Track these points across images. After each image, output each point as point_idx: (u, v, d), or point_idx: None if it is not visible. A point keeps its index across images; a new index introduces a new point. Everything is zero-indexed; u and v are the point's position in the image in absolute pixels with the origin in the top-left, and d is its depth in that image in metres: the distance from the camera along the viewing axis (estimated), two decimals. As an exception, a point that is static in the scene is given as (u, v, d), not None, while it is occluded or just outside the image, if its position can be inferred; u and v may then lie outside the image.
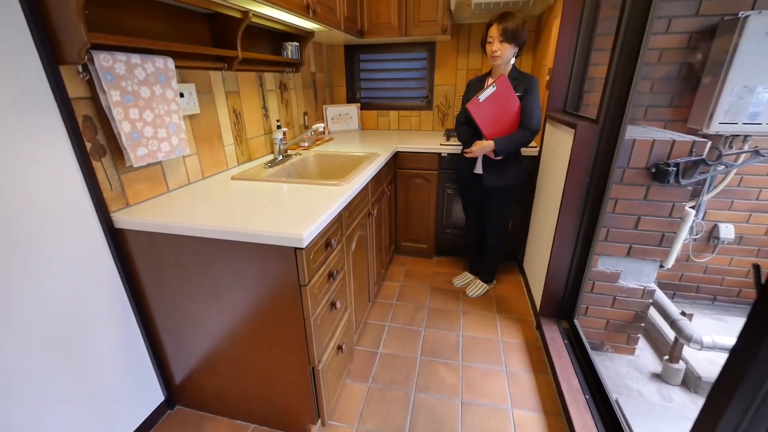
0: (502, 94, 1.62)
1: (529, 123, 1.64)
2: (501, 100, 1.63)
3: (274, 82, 1.92)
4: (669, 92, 1.83)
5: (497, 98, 1.63)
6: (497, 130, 1.69)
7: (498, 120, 1.67)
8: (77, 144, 0.96)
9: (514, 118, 1.66)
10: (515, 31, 1.55)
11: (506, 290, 2.17)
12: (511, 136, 1.66)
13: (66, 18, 0.84)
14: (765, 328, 0.55)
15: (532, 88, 1.62)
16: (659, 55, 1.78)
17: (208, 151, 1.47)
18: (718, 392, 0.63)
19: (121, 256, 1.11)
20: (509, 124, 1.67)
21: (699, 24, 1.70)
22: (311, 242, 1.00)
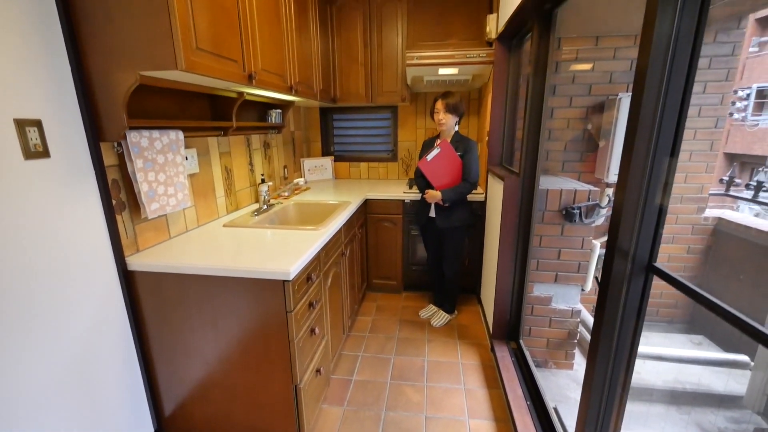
0: (446, 155, 2.07)
1: (468, 177, 2.07)
2: (445, 159, 2.07)
3: (259, 141, 2.24)
4: (578, 150, 2.33)
5: (442, 158, 2.07)
6: (444, 183, 2.10)
7: (444, 174, 2.09)
8: (106, 201, 1.20)
9: (457, 173, 2.08)
10: (455, 106, 2.05)
11: (466, 319, 2.45)
12: (455, 188, 2.07)
13: (112, 110, 1.13)
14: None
15: (470, 148, 2.06)
16: (567, 122, 2.30)
17: (203, 203, 1.72)
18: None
19: (130, 295, 1.30)
20: (453, 178, 2.09)
21: (591, 101, 2.24)
22: (296, 276, 1.25)
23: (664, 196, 0.86)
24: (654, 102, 0.82)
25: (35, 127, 1.00)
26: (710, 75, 2.17)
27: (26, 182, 0.98)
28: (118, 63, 1.08)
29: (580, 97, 2.26)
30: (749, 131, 4.00)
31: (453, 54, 2.30)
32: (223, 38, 1.28)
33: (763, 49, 3.35)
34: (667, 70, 0.80)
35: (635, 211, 0.88)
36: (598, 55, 2.23)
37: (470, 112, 2.98)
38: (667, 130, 0.83)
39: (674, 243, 2.45)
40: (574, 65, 2.31)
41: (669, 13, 0.78)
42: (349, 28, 2.64)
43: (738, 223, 2.25)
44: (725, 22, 2.05)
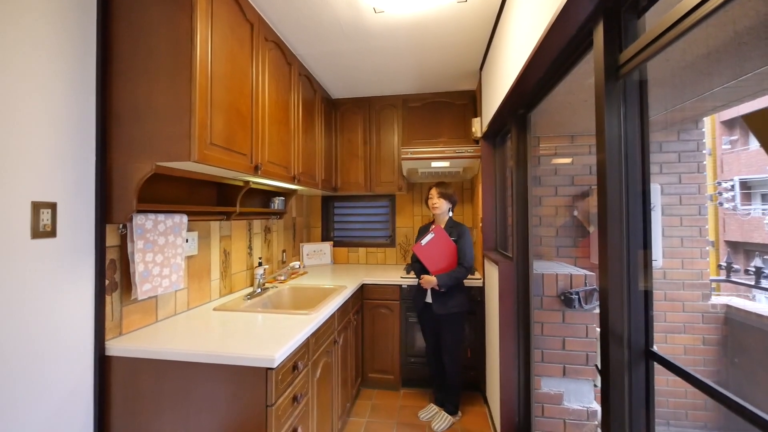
0: (440, 239, 2.12)
1: (463, 261, 2.09)
2: (439, 244, 2.12)
3: (260, 226, 2.33)
4: (570, 236, 2.39)
5: (436, 243, 2.12)
6: (440, 267, 2.11)
7: (439, 259, 2.11)
8: (99, 282, 1.21)
9: (452, 257, 2.11)
10: (448, 193, 2.20)
11: (471, 422, 2.18)
12: (450, 273, 2.07)
13: (124, 194, 1.22)
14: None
15: (463, 233, 2.13)
16: (556, 210, 2.41)
17: (197, 285, 1.71)
18: None
19: (102, 384, 1.22)
20: (449, 262, 2.11)
21: (576, 190, 2.39)
22: (281, 363, 1.18)
23: (646, 277, 0.87)
24: (618, 190, 0.89)
25: (50, 209, 1.07)
26: (682, 167, 2.35)
27: (28, 261, 1.01)
28: (137, 155, 1.22)
29: (565, 187, 2.42)
30: (743, 220, 4.13)
31: (444, 149, 2.54)
32: (235, 136, 1.45)
33: (734, 146, 3.69)
34: (623, 164, 0.89)
35: (620, 294, 0.88)
36: (576, 151, 2.46)
37: (464, 200, 3.15)
38: (636, 213, 0.88)
39: (686, 333, 2.32)
40: (555, 159, 2.52)
41: (615, 119, 0.91)
42: (350, 129, 2.97)
43: (748, 311, 2.16)
44: (683, 124, 2.31)
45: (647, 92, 0.90)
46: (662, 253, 2.31)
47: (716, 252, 2.56)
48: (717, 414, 2.29)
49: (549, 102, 1.64)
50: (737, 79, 1.45)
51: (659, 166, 2.36)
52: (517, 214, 1.86)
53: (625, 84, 0.89)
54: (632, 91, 0.89)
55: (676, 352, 2.31)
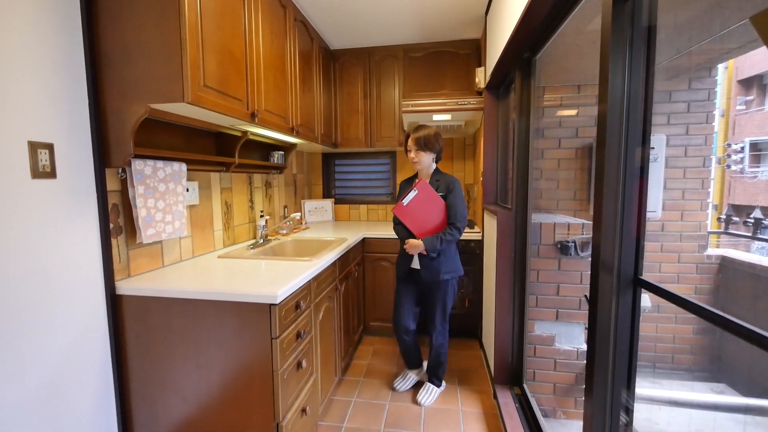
0: (425, 196, 1.76)
1: (454, 220, 1.75)
2: (424, 202, 1.76)
3: (261, 180, 2.33)
4: (571, 189, 2.38)
5: (421, 201, 1.76)
6: (428, 229, 1.77)
7: (425, 219, 1.77)
8: (104, 224, 1.24)
9: (441, 216, 1.76)
10: (427, 141, 1.75)
11: (467, 364, 2.31)
12: (439, 235, 1.73)
13: (120, 138, 1.22)
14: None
15: (452, 186, 1.76)
16: (558, 163, 2.38)
17: (200, 234, 1.75)
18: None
19: (115, 320, 1.28)
20: (437, 222, 1.77)
21: (580, 143, 2.34)
22: (284, 300, 1.23)
23: (640, 211, 0.88)
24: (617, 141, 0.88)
25: (47, 150, 1.07)
26: (691, 118, 2.28)
27: (31, 200, 1.03)
28: (131, 97, 1.20)
29: (568, 139, 2.37)
30: (750, 182, 4.09)
31: (446, 102, 2.47)
32: (229, 79, 1.41)
33: (749, 107, 3.58)
34: (624, 114, 0.88)
35: (614, 224, 0.89)
36: (582, 102, 2.38)
37: (466, 156, 3.11)
38: (633, 166, 0.87)
39: (679, 283, 2.37)
40: (560, 111, 2.45)
41: (620, 67, 0.88)
42: (350, 82, 2.88)
43: (742, 261, 2.19)
44: (697, 71, 2.21)
45: (655, 35, 0.86)
46: (662, 206, 2.31)
47: (718, 214, 2.56)
48: (701, 357, 2.41)
49: (556, 44, 1.57)
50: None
51: (667, 117, 2.30)
52: (517, 166, 1.84)
53: (633, 6, 0.85)
54: (639, 35, 0.86)
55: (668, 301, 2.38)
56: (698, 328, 2.40)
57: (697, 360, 2.41)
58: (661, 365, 2.43)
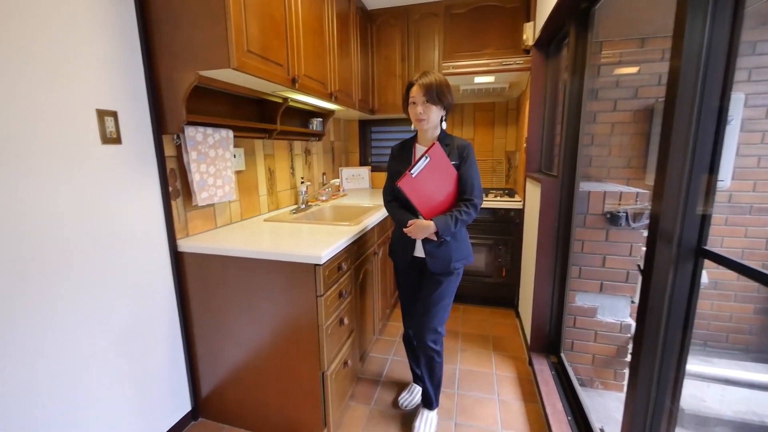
0: (438, 165, 1.31)
1: (471, 195, 1.35)
2: (436, 172, 1.31)
3: (301, 148, 2.38)
4: (625, 156, 2.20)
5: (432, 171, 1.30)
6: (432, 206, 1.36)
7: (435, 195, 1.34)
8: (164, 187, 1.34)
9: (451, 190, 1.37)
10: (439, 90, 1.30)
11: (502, 331, 2.33)
12: (453, 214, 1.33)
13: (174, 104, 1.28)
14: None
15: (467, 153, 1.36)
16: (611, 127, 2.19)
17: (247, 198, 1.85)
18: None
19: (178, 274, 1.42)
20: (446, 198, 1.36)
21: (639, 104, 2.13)
22: (327, 261, 1.29)
23: (710, 177, 0.80)
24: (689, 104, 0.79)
25: (112, 117, 1.16)
26: (778, 73, 1.99)
27: (102, 163, 1.14)
28: (181, 64, 1.24)
29: (626, 101, 2.16)
30: None
31: (489, 62, 2.33)
32: (270, 44, 1.42)
33: None
34: (701, 71, 0.78)
35: (678, 192, 0.83)
36: (645, 57, 2.14)
37: (508, 122, 2.95)
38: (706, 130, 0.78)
39: (746, 259, 2.18)
40: (618, 69, 2.22)
41: (700, 14, 0.77)
42: (387, 45, 2.77)
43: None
44: (793, 16, 1.89)
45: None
46: (732, 174, 2.08)
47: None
48: (760, 338, 2.25)
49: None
50: None
51: (748, 72, 2.01)
52: (567, 131, 1.73)
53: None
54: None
55: (728, 277, 2.21)
56: (761, 308, 2.23)
57: (757, 341, 2.26)
58: (714, 344, 2.31)
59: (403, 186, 1.30)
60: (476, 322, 2.44)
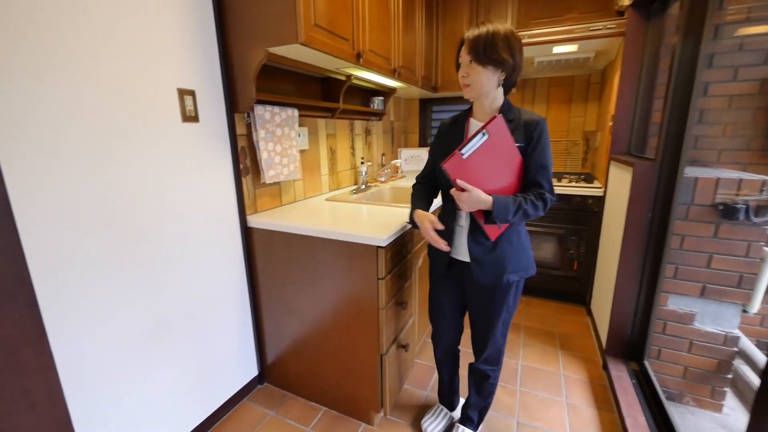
0: (498, 144, 0.98)
1: (542, 186, 1.03)
2: (495, 155, 0.99)
3: (361, 128, 2.35)
4: (745, 136, 1.82)
5: (489, 152, 0.98)
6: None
7: (489, 185, 1.00)
8: (236, 165, 1.39)
9: (513, 183, 1.05)
10: (489, 46, 0.97)
11: (570, 329, 2.13)
12: (518, 199, 1.00)
13: (245, 83, 1.30)
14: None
15: (540, 132, 1.02)
16: (728, 101, 1.81)
17: (310, 178, 1.87)
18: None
19: (247, 248, 1.49)
20: (506, 192, 1.04)
21: (770, 72, 1.73)
22: (389, 244, 1.25)
23: None
24: None
25: (191, 96, 1.21)
26: None
27: (182, 141, 1.20)
28: (251, 42, 1.25)
29: (751, 68, 1.76)
30: None
31: (572, 29, 2.05)
32: (336, 18, 1.37)
33: None
34: None
35: None
36: (784, 11, 1.71)
37: (589, 98, 2.62)
38: None
39: None
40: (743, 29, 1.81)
41: None
42: (454, 16, 2.58)
43: None
44: None
45: None
46: None
47: None
48: None
49: None
50: None
51: None
52: (671, 106, 1.46)
53: None
54: None
55: None
56: None
57: None
58: None
59: (450, 168, 0.96)
60: (541, 317, 2.27)
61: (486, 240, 1.10)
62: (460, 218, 1.14)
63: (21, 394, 0.85)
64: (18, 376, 0.84)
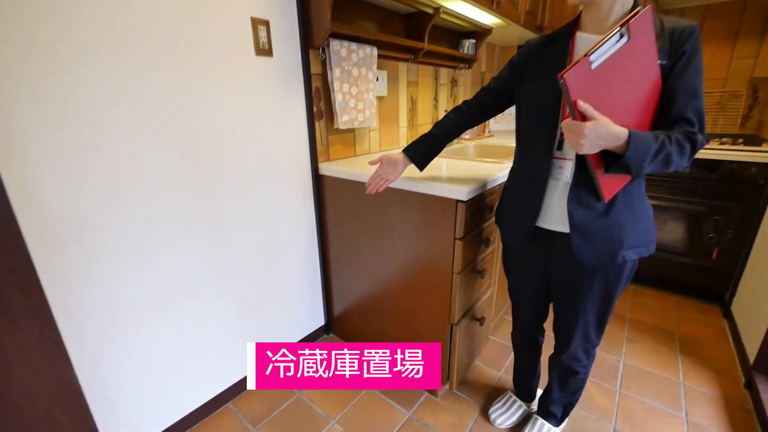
0: (639, 54, 0.68)
1: (692, 118, 0.71)
2: (631, 69, 0.68)
3: (447, 76, 2.09)
4: None
5: (627, 63, 0.66)
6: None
7: (617, 115, 0.67)
8: (309, 107, 1.31)
9: (647, 116, 0.75)
10: None
11: (699, 332, 1.69)
12: (661, 138, 0.69)
13: (319, 13, 1.18)
14: None
15: (693, 45, 0.71)
16: None
17: (387, 129, 1.73)
18: None
19: (318, 196, 1.43)
20: (634, 124, 0.70)
21: None
22: (470, 199, 1.05)
23: None
24: None
25: (264, 27, 1.13)
26: None
27: (255, 75, 1.14)
28: (329, -41, 1.10)
29: None
30: None
31: None
32: None
33: None
34: None
35: None
36: None
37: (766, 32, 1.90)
38: None
39: None
40: None
41: None
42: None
43: None
44: None
45: None
46: None
47: None
48: None
49: None
50: None
51: None
52: None
53: None
54: None
55: None
56: None
57: None
58: None
59: (572, 81, 0.62)
60: (655, 311, 1.84)
61: (597, 200, 0.79)
62: (559, 168, 0.83)
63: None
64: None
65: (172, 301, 1.06)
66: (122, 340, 0.98)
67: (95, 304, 0.91)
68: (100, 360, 0.94)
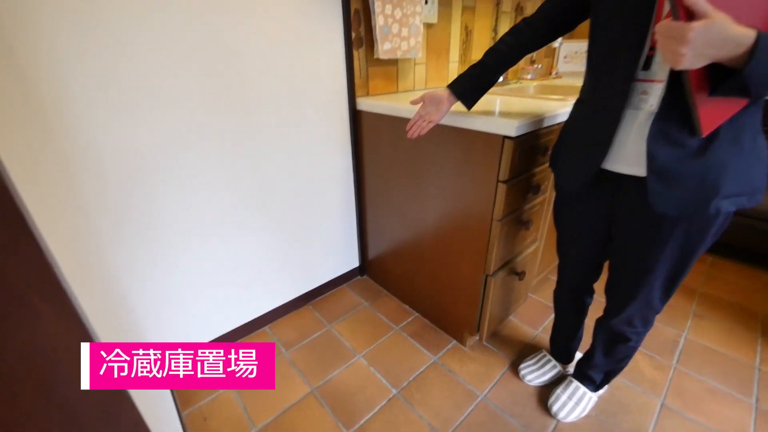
0: None
1: None
2: None
3: (510, 3, 1.80)
4: None
5: None
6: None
7: (737, 12, 0.47)
8: (347, 33, 1.20)
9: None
10: None
11: (787, 314, 1.43)
12: None
13: None
14: None
15: None
16: None
17: (434, 63, 1.56)
18: None
19: (354, 134, 1.37)
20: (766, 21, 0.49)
21: None
22: (520, 136, 0.91)
23: None
24: None
25: (300, -67, 1.01)
26: None
27: (289, -7, 1.04)
28: None
29: None
30: None
31: None
32: None
33: None
34: None
35: None
36: None
37: None
38: None
39: None
40: None
41: None
42: None
43: None
44: None
45: None
46: None
47: None
48: None
49: None
50: None
51: None
52: None
53: None
54: None
55: None
56: None
57: None
58: None
59: None
60: (735, 286, 1.59)
61: (691, 135, 0.61)
62: (643, 93, 0.64)
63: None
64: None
65: (219, 228, 1.12)
66: (168, 262, 1.05)
67: (145, 228, 0.97)
68: (152, 276, 1.03)
